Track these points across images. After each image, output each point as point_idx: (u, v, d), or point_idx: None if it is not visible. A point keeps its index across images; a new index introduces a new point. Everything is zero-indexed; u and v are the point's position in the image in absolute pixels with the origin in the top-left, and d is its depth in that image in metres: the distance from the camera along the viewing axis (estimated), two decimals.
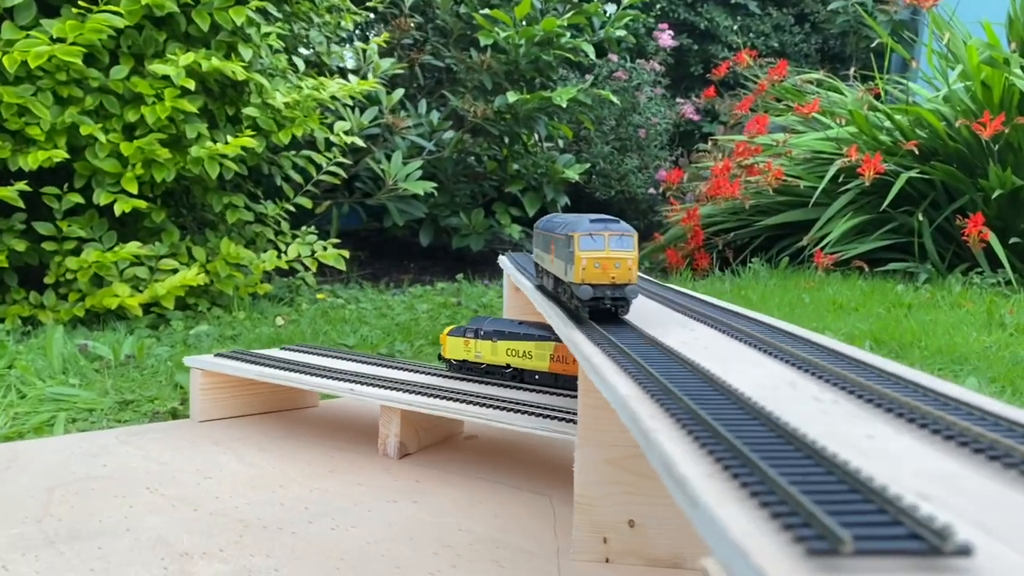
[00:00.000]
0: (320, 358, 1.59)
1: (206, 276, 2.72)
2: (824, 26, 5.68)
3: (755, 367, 0.71)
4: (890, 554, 0.33)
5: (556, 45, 3.67)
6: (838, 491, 0.39)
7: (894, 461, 0.46)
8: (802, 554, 0.33)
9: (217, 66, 2.52)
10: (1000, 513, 0.39)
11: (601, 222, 0.89)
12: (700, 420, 0.49)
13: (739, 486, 0.40)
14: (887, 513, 0.36)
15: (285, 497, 1.22)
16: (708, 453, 0.45)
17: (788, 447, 0.45)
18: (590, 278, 0.89)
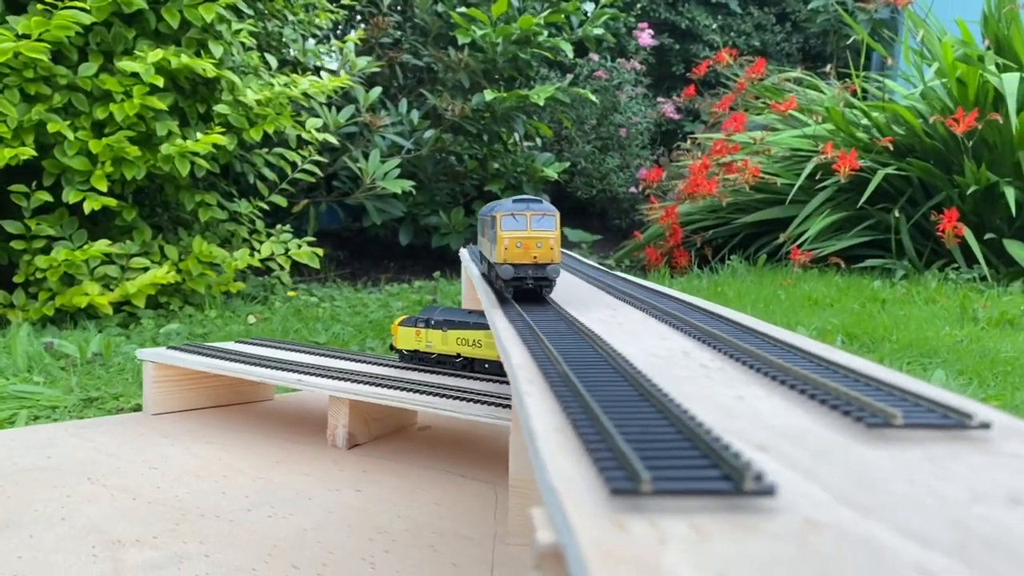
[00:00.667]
0: (274, 351, 1.59)
1: (178, 275, 2.71)
2: (805, 25, 5.69)
3: (660, 340, 0.70)
4: (692, 493, 0.33)
5: (534, 43, 3.67)
6: (671, 442, 0.39)
7: (754, 418, 0.46)
8: (607, 494, 0.33)
9: (187, 63, 2.51)
10: (832, 462, 0.39)
11: (523, 202, 0.89)
12: (569, 383, 0.49)
13: (579, 439, 0.40)
14: (708, 459, 0.36)
15: (227, 487, 1.21)
16: (565, 411, 0.44)
17: (645, 405, 0.45)
18: (512, 258, 0.88)
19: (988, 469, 0.37)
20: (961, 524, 0.32)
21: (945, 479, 0.36)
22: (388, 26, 3.83)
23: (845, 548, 0.29)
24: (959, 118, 3.23)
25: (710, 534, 0.31)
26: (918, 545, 0.30)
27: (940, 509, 0.33)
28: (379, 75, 3.93)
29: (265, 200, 3.09)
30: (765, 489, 0.33)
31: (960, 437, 0.42)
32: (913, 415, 0.43)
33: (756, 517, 0.32)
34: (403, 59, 3.95)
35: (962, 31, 3.59)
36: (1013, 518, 0.32)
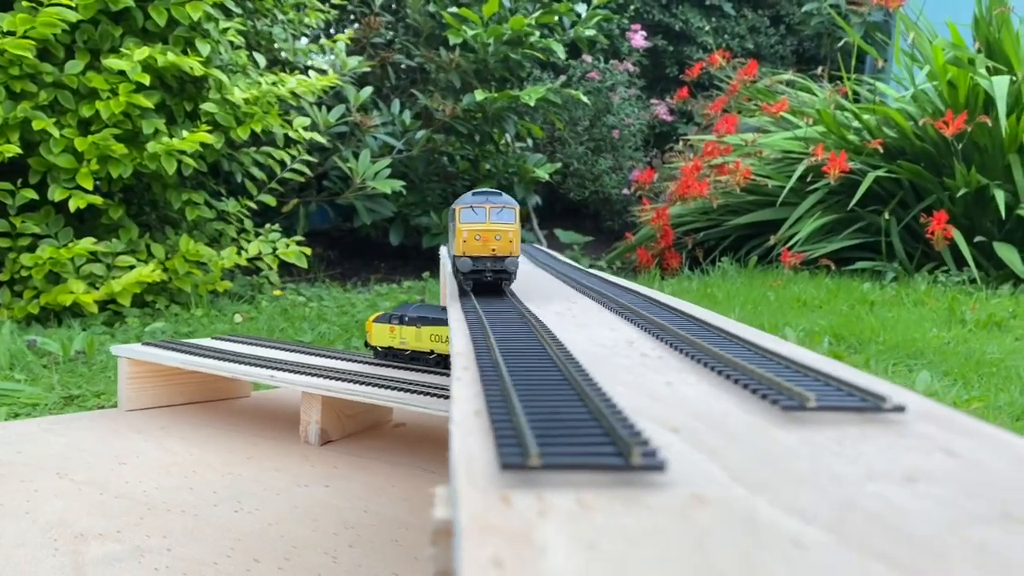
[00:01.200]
0: (250, 347, 1.59)
1: (164, 273, 2.71)
2: (799, 28, 5.69)
3: (609, 331, 0.70)
4: (582, 468, 0.33)
5: (526, 44, 3.68)
6: (579, 422, 0.38)
7: (676, 403, 0.46)
8: (498, 469, 0.33)
9: (174, 61, 2.51)
10: (740, 443, 0.38)
11: (483, 195, 0.89)
12: (497, 369, 0.49)
13: (489, 419, 0.39)
14: (608, 436, 0.36)
15: (196, 482, 1.21)
16: (485, 395, 0.44)
17: (566, 389, 0.45)
18: (471, 250, 0.88)
19: (893, 450, 0.37)
20: (849, 501, 0.31)
21: (847, 459, 0.36)
22: (380, 26, 3.83)
23: (724, 522, 0.29)
24: (948, 121, 3.23)
25: (593, 507, 0.30)
26: (799, 520, 0.30)
27: (832, 487, 0.33)
28: (371, 75, 3.93)
29: (254, 199, 3.09)
30: (655, 464, 0.33)
31: (875, 420, 0.42)
32: (828, 398, 0.43)
33: (643, 491, 0.32)
34: (395, 59, 3.95)
35: (953, 34, 3.60)
36: (902, 495, 0.32)
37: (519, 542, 0.27)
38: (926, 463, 0.35)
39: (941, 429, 0.40)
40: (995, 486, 0.33)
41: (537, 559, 0.26)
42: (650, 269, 3.79)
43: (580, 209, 4.95)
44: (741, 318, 2.83)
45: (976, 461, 0.36)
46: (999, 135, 3.30)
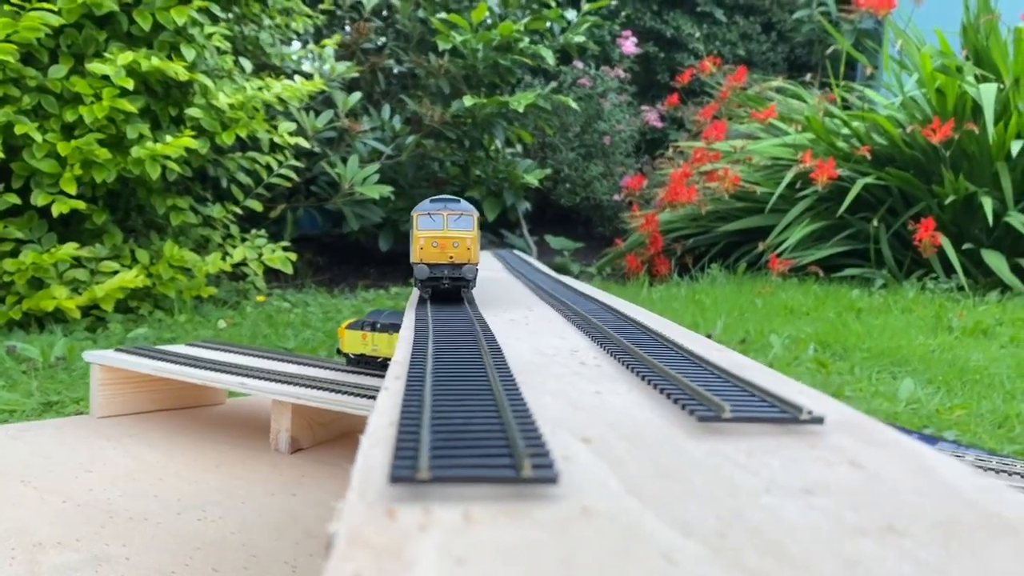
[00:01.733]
0: (223, 354, 1.58)
1: (148, 279, 2.70)
2: (790, 35, 5.71)
3: (557, 339, 0.70)
4: (473, 480, 0.32)
5: (515, 50, 3.68)
6: (487, 433, 0.38)
7: (598, 413, 0.45)
8: (387, 481, 0.33)
9: (158, 66, 2.51)
10: (647, 454, 0.38)
11: (441, 201, 0.89)
12: (422, 378, 0.49)
13: (398, 431, 0.39)
14: (508, 448, 0.36)
15: (161, 490, 1.20)
16: (403, 405, 0.44)
17: (487, 399, 0.44)
18: (428, 258, 0.88)
19: (801, 462, 0.37)
20: (736, 514, 0.31)
21: (751, 471, 0.36)
22: (369, 31, 3.83)
23: (602, 536, 0.29)
24: (936, 128, 3.23)
25: (478, 521, 0.30)
26: (680, 534, 0.29)
27: (725, 500, 0.32)
28: (361, 80, 3.93)
29: (240, 205, 3.09)
30: (547, 477, 0.32)
31: (791, 431, 0.41)
32: (745, 409, 0.42)
33: (533, 504, 0.32)
34: (385, 64, 3.95)
35: (941, 42, 3.61)
36: (792, 507, 0.31)
37: (386, 558, 0.27)
38: (828, 475, 0.35)
39: (855, 440, 0.40)
40: (887, 498, 0.32)
41: (400, 573, 0.25)
42: (639, 275, 3.79)
43: (571, 215, 4.95)
44: (728, 325, 2.83)
45: (877, 473, 0.35)
46: (987, 143, 3.30)
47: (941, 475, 0.35)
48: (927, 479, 0.35)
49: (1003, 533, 0.29)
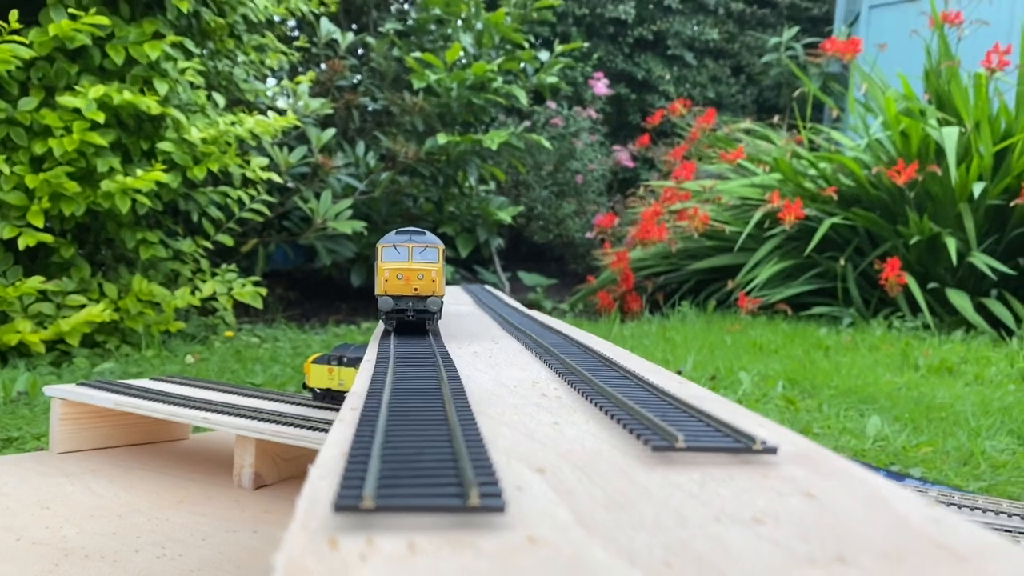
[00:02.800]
0: (188, 388, 1.56)
1: (116, 313, 2.67)
2: (759, 78, 5.82)
3: (519, 371, 0.70)
4: (418, 510, 0.32)
5: (489, 90, 3.71)
6: (438, 463, 0.38)
7: (553, 444, 0.45)
8: (332, 512, 0.32)
9: (130, 100, 2.50)
10: (599, 484, 0.38)
11: (406, 233, 0.89)
12: (377, 408, 0.48)
13: (347, 461, 0.38)
14: (458, 478, 0.35)
15: (121, 527, 1.17)
16: (355, 436, 0.43)
17: (440, 430, 0.44)
18: (392, 289, 0.87)
19: (751, 492, 0.37)
20: (683, 544, 0.31)
21: (701, 501, 0.36)
22: (344, 69, 3.86)
23: (547, 566, 0.28)
24: (900, 169, 3.30)
25: (422, 551, 0.30)
26: (626, 563, 0.29)
27: (675, 530, 0.32)
28: (335, 117, 3.95)
29: (211, 239, 3.07)
30: (494, 506, 0.32)
31: (745, 461, 0.41)
32: (699, 439, 0.42)
33: (478, 534, 0.31)
34: (359, 102, 3.97)
35: (904, 86, 3.69)
36: (741, 537, 0.31)
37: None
38: (779, 505, 0.35)
39: (809, 471, 0.40)
40: (837, 528, 0.32)
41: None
42: (611, 312, 3.80)
43: (544, 252, 4.97)
44: (698, 362, 2.84)
45: (830, 504, 0.35)
46: (950, 184, 3.37)
47: (893, 506, 0.35)
48: (879, 510, 0.35)
49: (952, 563, 0.30)
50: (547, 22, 5.17)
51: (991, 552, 0.30)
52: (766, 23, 6.20)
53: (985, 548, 0.30)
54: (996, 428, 2.13)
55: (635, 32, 5.76)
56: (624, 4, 5.64)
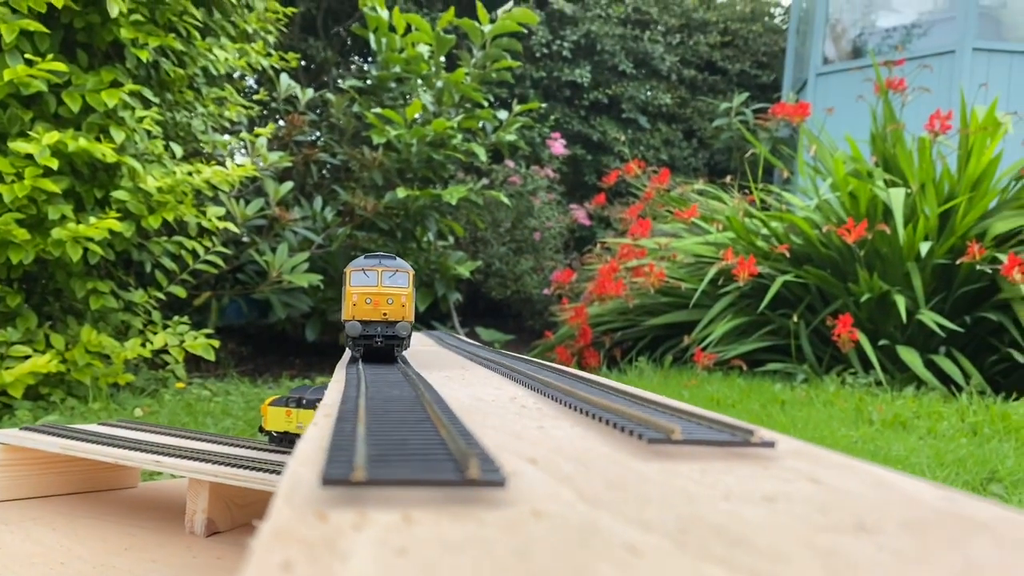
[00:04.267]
0: (138, 433, 1.50)
1: (63, 364, 2.58)
2: (710, 142, 5.97)
3: (495, 389, 0.68)
4: (414, 483, 0.30)
5: (449, 146, 3.74)
6: (427, 450, 0.36)
7: (542, 442, 0.44)
8: (320, 486, 0.30)
9: (85, 147, 2.46)
10: (596, 471, 0.36)
11: (375, 258, 0.87)
12: (355, 411, 0.46)
13: (330, 449, 0.36)
14: (451, 456, 0.33)
15: (62, 574, 1.11)
16: (334, 433, 0.41)
17: (426, 427, 0.42)
18: (361, 314, 0.85)
19: (757, 479, 0.35)
20: (697, 516, 0.29)
21: (706, 485, 0.34)
22: (303, 124, 3.86)
23: (557, 533, 0.27)
24: (850, 228, 3.37)
25: (419, 521, 0.28)
26: (639, 530, 0.27)
27: (684, 506, 0.31)
28: (294, 171, 3.93)
29: (163, 291, 3.00)
30: (495, 480, 0.30)
31: (742, 454, 0.40)
32: (695, 432, 0.41)
33: (480, 507, 0.29)
34: (318, 157, 3.97)
35: (852, 148, 3.80)
36: (756, 512, 0.30)
37: (319, 548, 0.24)
38: (788, 488, 0.34)
39: (809, 463, 0.39)
40: (851, 505, 0.31)
41: (334, 563, 0.23)
42: (569, 367, 3.79)
43: (502, 308, 4.96)
44: None
45: (838, 487, 0.34)
46: (898, 244, 3.45)
47: (902, 488, 0.34)
48: (888, 491, 0.34)
49: (977, 530, 0.29)
50: (505, 82, 5.26)
51: (1009, 520, 0.29)
52: (717, 89, 6.39)
53: (1002, 516, 0.30)
54: (951, 479, 2.15)
55: (591, 95, 5.89)
56: (580, 68, 5.76)
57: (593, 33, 5.87)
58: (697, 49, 6.35)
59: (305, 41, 5.14)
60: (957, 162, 3.63)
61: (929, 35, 5.23)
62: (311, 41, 5.19)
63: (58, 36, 2.65)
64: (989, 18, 5.07)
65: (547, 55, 5.85)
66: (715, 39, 6.43)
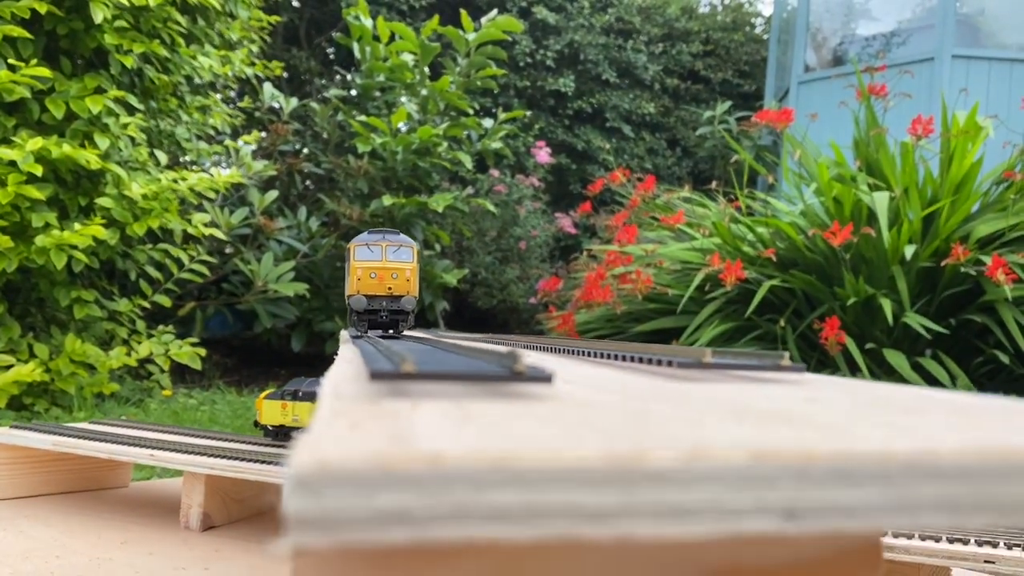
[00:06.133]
0: (130, 430, 1.48)
1: (47, 374, 2.55)
2: (694, 150, 6.01)
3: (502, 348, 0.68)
4: (462, 378, 0.30)
5: (434, 154, 3.74)
6: (464, 360, 0.36)
7: (568, 373, 0.43)
8: (367, 382, 0.30)
9: (69, 153, 2.44)
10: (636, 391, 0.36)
11: (379, 232, 0.86)
12: (380, 346, 0.46)
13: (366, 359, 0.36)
14: (494, 357, 0.33)
15: (59, 567, 1.09)
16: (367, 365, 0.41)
17: (456, 354, 0.42)
18: (366, 289, 0.85)
19: (795, 391, 0.36)
20: (748, 406, 0.29)
21: (746, 395, 0.34)
22: (288, 133, 3.85)
23: (611, 413, 0.27)
24: (836, 231, 3.40)
25: (472, 406, 0.27)
26: (695, 413, 0.27)
27: (730, 403, 0.31)
28: (278, 181, 3.92)
29: (148, 299, 2.97)
30: (542, 375, 0.30)
31: (775, 379, 0.40)
32: (725, 359, 0.41)
33: (528, 401, 0.29)
34: (302, 166, 3.96)
35: (836, 153, 3.84)
36: (802, 406, 0.30)
37: (384, 415, 0.24)
38: (829, 395, 0.34)
39: (844, 386, 0.39)
40: (897, 401, 0.32)
41: (399, 422, 0.23)
42: None
43: (488, 317, 4.95)
44: None
45: (879, 395, 0.35)
46: (882, 247, 3.48)
47: (940, 395, 0.35)
48: (928, 398, 0.34)
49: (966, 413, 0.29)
50: (490, 92, 5.27)
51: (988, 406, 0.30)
52: (700, 98, 6.44)
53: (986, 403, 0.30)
54: None
55: (575, 104, 5.91)
56: (564, 77, 5.79)
57: (576, 42, 5.91)
58: (680, 58, 6.40)
59: (288, 51, 5.14)
60: (939, 166, 3.67)
61: (909, 43, 5.30)
62: (294, 51, 5.18)
63: (41, 42, 2.64)
64: (967, 26, 5.15)
65: (531, 64, 5.88)
66: (697, 48, 6.49)
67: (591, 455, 0.20)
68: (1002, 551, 0.88)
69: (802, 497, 0.21)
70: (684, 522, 0.20)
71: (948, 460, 0.22)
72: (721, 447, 0.21)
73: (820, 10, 5.81)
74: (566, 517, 0.19)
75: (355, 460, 0.19)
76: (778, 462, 0.21)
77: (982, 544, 0.89)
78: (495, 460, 0.19)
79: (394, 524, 0.19)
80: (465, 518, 0.19)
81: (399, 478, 0.19)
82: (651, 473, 0.20)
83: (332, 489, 0.19)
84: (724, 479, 0.20)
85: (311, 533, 0.19)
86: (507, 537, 0.19)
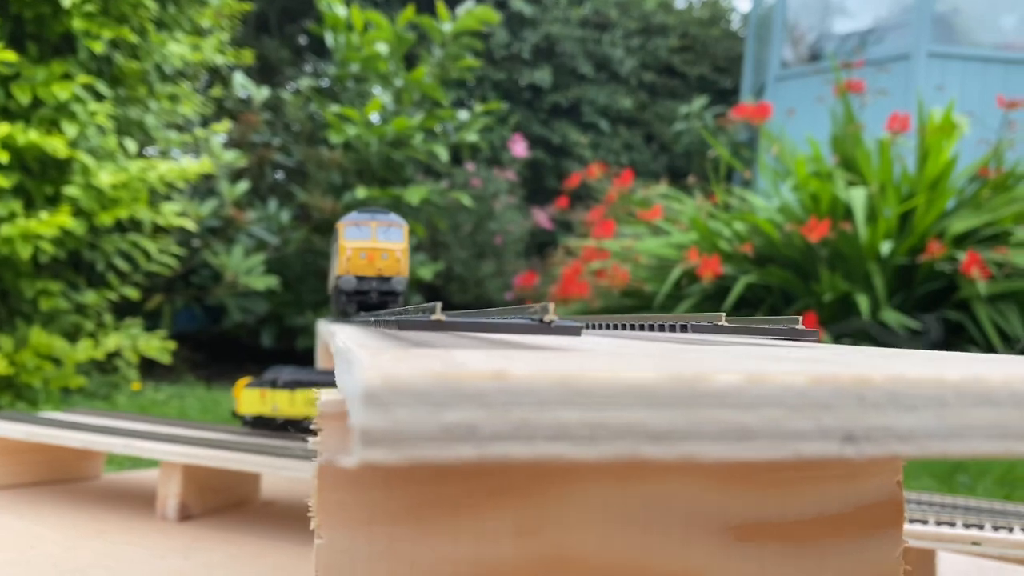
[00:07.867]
0: (105, 419, 1.45)
1: (11, 367, 2.49)
2: (671, 146, 6.02)
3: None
4: (492, 328, 0.29)
5: (409, 146, 3.71)
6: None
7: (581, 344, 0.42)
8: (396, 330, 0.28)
9: (36, 141, 2.39)
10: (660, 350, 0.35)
11: (369, 212, 0.85)
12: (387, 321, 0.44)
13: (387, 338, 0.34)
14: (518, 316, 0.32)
15: (35, 557, 1.06)
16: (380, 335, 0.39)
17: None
18: (355, 269, 0.83)
19: (813, 347, 0.35)
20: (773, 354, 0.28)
21: (773, 347, 0.33)
22: (258, 123, 3.80)
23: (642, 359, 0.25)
24: (812, 227, 3.42)
25: (509, 351, 0.26)
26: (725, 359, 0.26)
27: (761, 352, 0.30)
28: (248, 172, 3.87)
29: (116, 291, 2.92)
30: (571, 327, 0.29)
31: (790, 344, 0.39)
32: (737, 322, 0.40)
33: (559, 351, 0.28)
34: (273, 158, 3.91)
35: (813, 149, 3.86)
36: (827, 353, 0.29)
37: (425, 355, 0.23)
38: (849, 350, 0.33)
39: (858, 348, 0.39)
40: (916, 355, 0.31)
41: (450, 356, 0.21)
42: None
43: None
44: None
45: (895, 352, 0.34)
46: (859, 244, 3.50)
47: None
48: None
49: None
50: (465, 84, 5.25)
51: None
52: (676, 94, 6.45)
53: None
54: (918, 470, 2.19)
55: (551, 98, 5.91)
56: (540, 71, 5.78)
57: (553, 35, 5.90)
58: (656, 53, 6.41)
59: (259, 41, 5.08)
60: (916, 163, 3.71)
61: (885, 40, 5.36)
62: (265, 40, 5.13)
63: (7, 26, 2.58)
64: (943, 23, 5.21)
65: (507, 57, 5.87)
66: (674, 43, 6.50)
67: (655, 375, 0.20)
68: (988, 533, 0.88)
69: (860, 421, 0.22)
70: (745, 444, 0.21)
71: (999, 387, 0.23)
72: (780, 371, 0.22)
73: (797, 6, 5.86)
74: (629, 437, 0.20)
75: (423, 376, 0.19)
76: (836, 385, 0.22)
77: (969, 527, 0.89)
78: (560, 378, 0.20)
79: (461, 440, 0.19)
80: (530, 437, 0.19)
81: (466, 394, 0.19)
82: (714, 392, 0.21)
83: (401, 404, 0.19)
84: (785, 401, 0.21)
85: (379, 449, 0.18)
86: (571, 456, 0.19)
